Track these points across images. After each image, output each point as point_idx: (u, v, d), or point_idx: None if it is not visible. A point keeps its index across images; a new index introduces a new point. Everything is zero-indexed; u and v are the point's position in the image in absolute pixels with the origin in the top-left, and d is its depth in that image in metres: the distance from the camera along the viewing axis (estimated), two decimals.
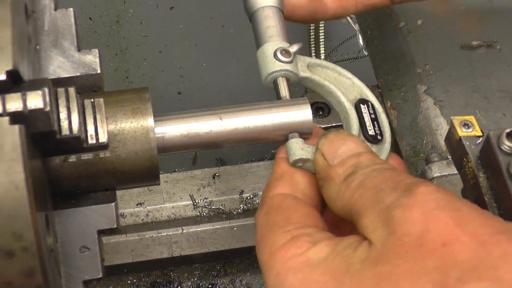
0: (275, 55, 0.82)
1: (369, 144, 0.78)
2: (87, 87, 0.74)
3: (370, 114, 0.79)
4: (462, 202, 0.62)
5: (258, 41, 0.86)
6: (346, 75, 0.83)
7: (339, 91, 0.81)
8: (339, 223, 0.73)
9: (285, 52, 0.82)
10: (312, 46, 1.39)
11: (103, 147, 0.70)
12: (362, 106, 0.80)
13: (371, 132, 0.78)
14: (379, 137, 0.78)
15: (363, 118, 0.79)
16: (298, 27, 1.49)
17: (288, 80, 0.82)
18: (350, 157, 0.70)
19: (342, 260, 0.62)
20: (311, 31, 1.36)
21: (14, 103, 0.59)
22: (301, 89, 1.27)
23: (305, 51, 1.36)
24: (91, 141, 0.69)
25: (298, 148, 0.75)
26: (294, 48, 0.82)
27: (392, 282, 0.59)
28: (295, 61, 0.82)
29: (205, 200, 1.11)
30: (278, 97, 0.81)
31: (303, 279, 0.63)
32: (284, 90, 0.81)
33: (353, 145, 0.71)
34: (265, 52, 0.83)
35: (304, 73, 0.83)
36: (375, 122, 0.79)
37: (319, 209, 0.74)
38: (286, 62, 0.81)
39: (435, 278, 0.57)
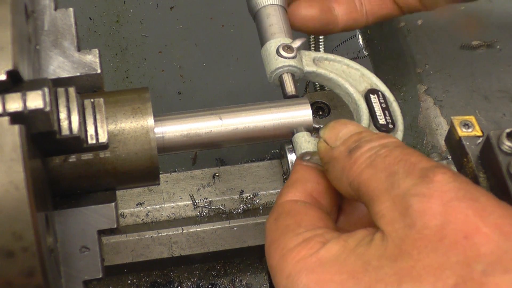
0: (277, 51, 0.82)
1: None
2: (87, 87, 0.74)
3: (380, 103, 0.78)
4: (479, 191, 0.61)
5: (261, 40, 0.86)
6: (354, 66, 0.82)
7: (347, 83, 0.80)
8: (353, 229, 0.73)
9: (288, 48, 0.82)
10: (312, 46, 1.39)
11: (103, 147, 0.70)
12: (372, 96, 0.79)
13: (382, 121, 0.77)
14: (390, 126, 0.77)
15: (373, 108, 0.78)
16: None
17: (293, 75, 0.82)
18: (351, 136, 0.69)
19: (357, 257, 0.61)
20: None
21: (14, 103, 0.59)
22: (301, 88, 1.27)
23: None
24: (91, 141, 0.69)
25: (303, 142, 0.74)
26: (296, 44, 0.82)
27: (415, 278, 0.58)
28: (299, 56, 0.82)
29: (205, 200, 1.11)
30: (284, 93, 0.81)
31: (318, 279, 0.61)
32: (289, 86, 0.81)
33: (354, 127, 0.70)
34: (268, 50, 0.83)
35: (309, 67, 0.82)
36: (386, 111, 0.78)
37: (334, 217, 0.73)
38: (289, 58, 0.81)
39: (459, 272, 0.57)
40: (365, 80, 0.81)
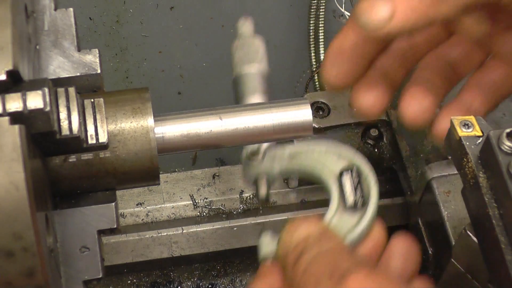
0: (247, 159, 0.82)
1: (350, 214, 0.75)
2: (87, 87, 0.74)
3: (353, 180, 0.77)
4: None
5: None
6: (332, 150, 0.79)
7: (321, 172, 0.79)
8: None
9: (253, 155, 0.81)
10: (312, 46, 1.39)
11: (103, 147, 0.70)
12: (345, 175, 0.77)
13: (350, 201, 0.75)
14: (359, 204, 0.75)
15: (344, 188, 0.77)
16: (297, 27, 1.48)
17: (266, 178, 0.82)
18: (300, 242, 0.70)
19: None
20: (311, 31, 1.36)
21: (14, 103, 0.59)
22: (301, 88, 1.27)
23: (304, 51, 1.36)
24: (91, 141, 0.69)
25: (264, 246, 0.75)
26: (263, 147, 0.81)
27: None
28: (270, 158, 0.81)
29: (205, 200, 1.11)
30: (256, 194, 0.82)
31: None
32: (263, 188, 0.81)
33: (304, 229, 0.71)
34: (242, 155, 0.83)
35: (282, 166, 0.81)
36: (358, 188, 0.76)
37: None
38: (257, 165, 0.81)
39: None
40: (343, 159, 0.79)
